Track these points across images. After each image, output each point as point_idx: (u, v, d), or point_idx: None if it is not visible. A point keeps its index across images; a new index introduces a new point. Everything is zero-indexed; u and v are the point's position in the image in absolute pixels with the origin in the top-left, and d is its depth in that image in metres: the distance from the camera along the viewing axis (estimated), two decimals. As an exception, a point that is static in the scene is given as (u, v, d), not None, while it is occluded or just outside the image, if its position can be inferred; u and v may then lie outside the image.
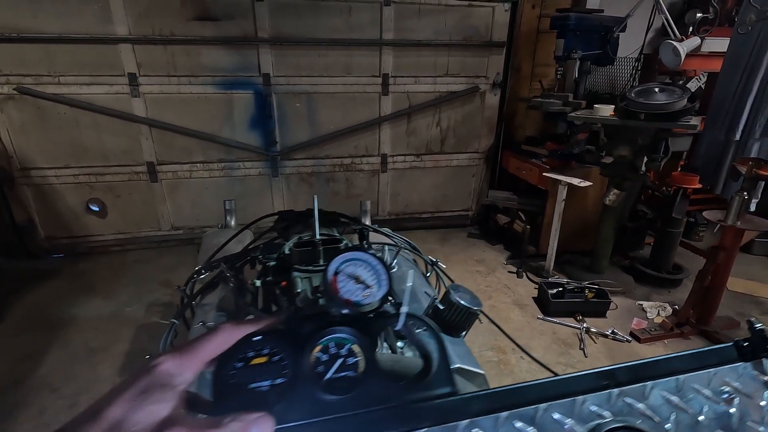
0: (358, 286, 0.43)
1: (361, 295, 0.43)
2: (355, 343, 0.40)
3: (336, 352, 0.40)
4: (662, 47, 2.72)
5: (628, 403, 0.40)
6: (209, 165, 3.49)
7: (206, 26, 3.10)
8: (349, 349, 0.40)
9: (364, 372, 0.39)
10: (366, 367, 0.40)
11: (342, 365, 0.39)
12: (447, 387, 0.39)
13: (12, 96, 2.99)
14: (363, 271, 0.43)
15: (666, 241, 3.18)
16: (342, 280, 0.43)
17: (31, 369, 2.27)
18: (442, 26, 3.46)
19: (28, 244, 3.39)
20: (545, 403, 0.39)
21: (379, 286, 0.43)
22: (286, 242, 0.97)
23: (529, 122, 3.96)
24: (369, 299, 0.43)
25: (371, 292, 0.43)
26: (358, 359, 0.40)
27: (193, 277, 1.15)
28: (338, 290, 0.42)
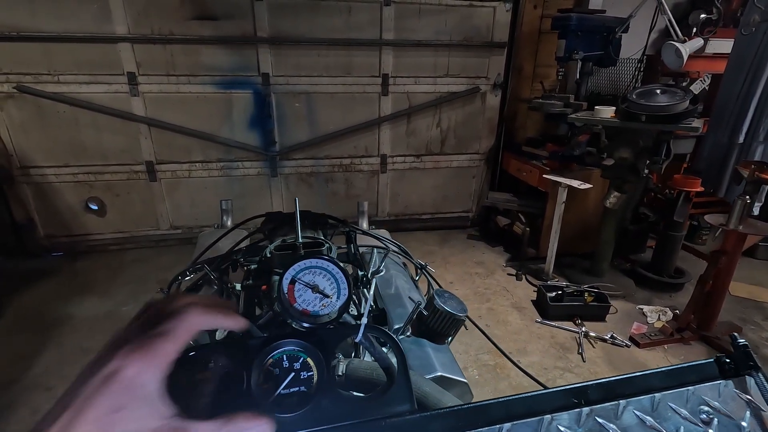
0: (316, 296, 0.41)
1: (319, 306, 0.41)
2: (309, 357, 0.39)
3: (288, 366, 0.38)
4: (664, 48, 2.68)
5: (599, 423, 0.38)
6: (208, 164, 3.48)
7: (205, 26, 3.10)
8: (302, 362, 0.38)
9: (318, 387, 0.37)
10: (320, 382, 0.37)
11: (294, 380, 0.37)
12: (406, 404, 0.37)
13: (12, 95, 2.99)
14: (322, 280, 0.41)
15: (667, 245, 3.14)
16: (299, 289, 0.41)
17: (25, 369, 2.27)
18: (443, 26, 3.44)
19: (28, 242, 3.40)
20: (510, 423, 0.36)
21: (338, 295, 0.41)
22: (270, 245, 0.95)
23: (530, 123, 3.93)
24: (326, 309, 0.41)
25: (329, 302, 0.41)
26: (312, 374, 0.38)
27: (177, 278, 1.13)
28: (294, 300, 0.40)
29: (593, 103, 2.96)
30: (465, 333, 1.03)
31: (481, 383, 2.25)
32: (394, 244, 1.30)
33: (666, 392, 0.40)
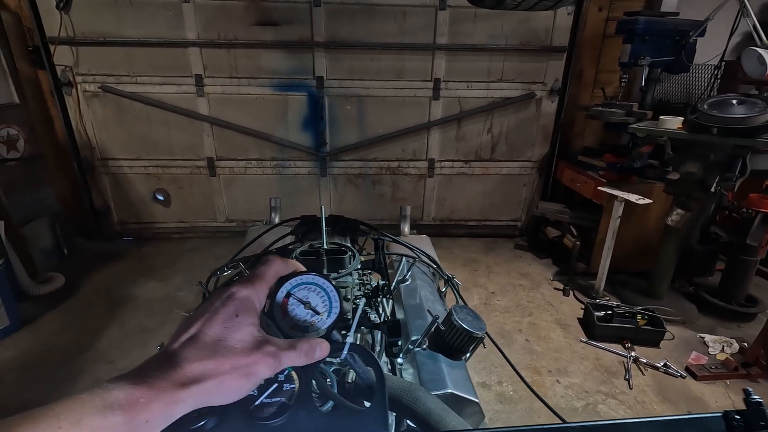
0: (308, 312, 0.43)
1: (309, 321, 0.43)
2: (293, 370, 0.41)
3: (273, 377, 0.40)
4: (745, 54, 2.44)
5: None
6: (263, 162, 3.66)
7: (266, 31, 3.26)
8: (287, 374, 0.41)
9: (298, 400, 0.39)
10: (300, 395, 0.40)
11: (276, 390, 0.40)
12: (379, 427, 0.38)
13: (97, 94, 3.33)
14: (315, 297, 0.43)
15: (739, 270, 2.86)
16: (292, 303, 0.43)
17: (92, 342, 2.52)
18: (499, 30, 3.36)
19: (104, 227, 3.77)
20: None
21: (328, 314, 0.43)
22: (299, 248, 1.00)
23: (588, 132, 3.74)
24: (315, 326, 0.43)
25: (320, 319, 0.43)
26: (293, 386, 0.40)
27: (215, 273, 1.21)
28: (287, 313, 0.43)
29: (661, 112, 2.76)
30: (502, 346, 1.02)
31: (516, 400, 2.18)
32: (425, 254, 1.30)
33: (658, 444, 0.38)
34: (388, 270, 1.10)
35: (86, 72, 3.27)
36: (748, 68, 2.46)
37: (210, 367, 0.35)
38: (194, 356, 0.36)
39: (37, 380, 2.22)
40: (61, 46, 3.15)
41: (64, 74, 3.25)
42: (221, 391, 0.35)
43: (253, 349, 0.37)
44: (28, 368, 2.31)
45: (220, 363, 0.36)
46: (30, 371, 2.28)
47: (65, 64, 3.22)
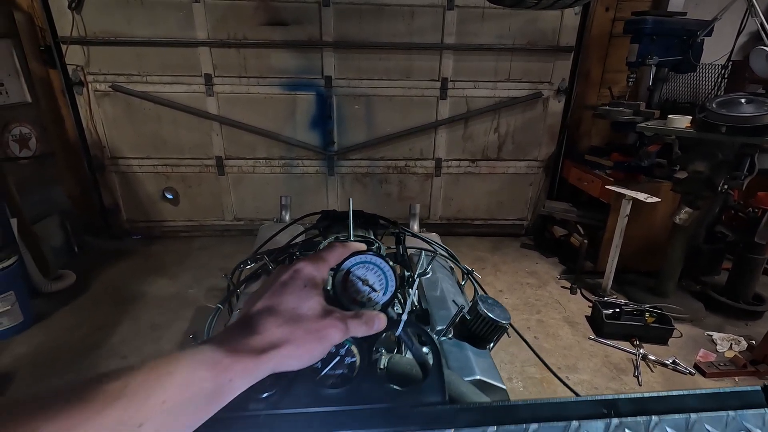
0: (366, 288, 0.45)
1: (366, 298, 0.45)
2: (354, 344, 0.43)
3: (335, 351, 0.42)
4: (753, 54, 2.46)
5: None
6: (271, 161, 3.68)
7: (276, 31, 3.28)
8: (347, 349, 0.43)
9: (359, 372, 0.42)
10: (361, 367, 0.42)
11: (338, 363, 0.42)
12: (438, 396, 0.40)
13: (108, 93, 3.36)
14: (372, 275, 0.45)
15: (746, 268, 2.87)
16: (352, 280, 0.45)
17: (105, 337, 2.55)
18: (506, 30, 3.38)
19: (113, 225, 3.79)
20: (536, 424, 0.38)
21: (384, 291, 0.45)
22: (324, 241, 1.02)
23: (595, 131, 3.75)
24: (373, 302, 0.45)
25: (376, 295, 0.45)
26: (354, 359, 0.42)
27: (239, 266, 1.23)
28: (347, 289, 0.45)
29: (668, 111, 2.77)
30: (512, 343, 1.04)
31: (525, 396, 2.20)
32: (443, 248, 1.32)
33: (703, 413, 0.40)
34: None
35: (97, 71, 3.30)
36: (757, 67, 2.47)
37: (286, 332, 0.38)
38: (271, 323, 0.39)
39: (51, 376, 2.25)
40: (72, 46, 3.18)
41: (76, 74, 3.28)
42: (297, 355, 0.38)
43: (323, 316, 0.40)
44: (41, 364, 2.33)
45: (295, 329, 0.39)
46: (43, 367, 2.31)
47: (76, 64, 3.25)
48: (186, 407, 0.33)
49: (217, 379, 0.34)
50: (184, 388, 0.33)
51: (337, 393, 0.40)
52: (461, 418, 0.38)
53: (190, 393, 0.33)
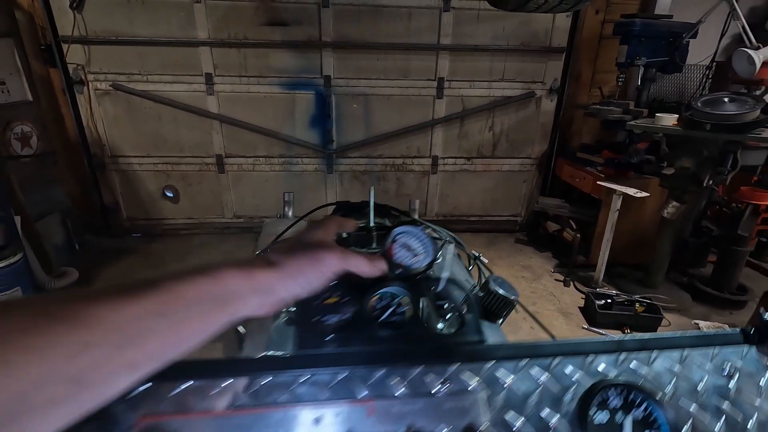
0: (409, 254, 0.53)
1: (411, 261, 0.53)
2: (405, 297, 0.51)
3: (389, 302, 0.50)
4: (736, 55, 2.58)
5: (633, 368, 0.47)
6: (270, 159, 3.74)
7: (276, 31, 3.34)
8: (399, 301, 0.51)
9: (410, 320, 0.49)
10: (412, 315, 0.50)
11: (393, 312, 0.50)
12: (477, 336, 0.48)
13: (108, 92, 3.39)
14: (414, 242, 0.53)
15: (731, 260, 3.01)
16: (397, 247, 0.53)
17: (112, 331, 2.58)
18: (501, 31, 3.49)
19: (113, 223, 3.82)
20: (560, 357, 0.47)
21: (425, 255, 0.53)
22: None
23: (585, 130, 3.87)
24: (417, 264, 0.53)
25: (419, 259, 0.53)
26: (405, 309, 0.50)
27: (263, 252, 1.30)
28: (393, 255, 0.53)
29: (655, 111, 2.90)
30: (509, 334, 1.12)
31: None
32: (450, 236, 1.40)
33: (694, 349, 0.48)
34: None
35: (98, 70, 3.33)
36: (739, 68, 2.60)
37: (289, 255, 0.46)
38: (279, 252, 0.47)
39: (61, 369, 2.28)
40: (73, 45, 3.20)
41: (76, 72, 3.30)
42: (301, 276, 0.45)
43: (324, 247, 0.48)
44: (50, 358, 2.36)
45: (296, 254, 0.46)
46: (53, 360, 2.34)
47: (77, 63, 3.28)
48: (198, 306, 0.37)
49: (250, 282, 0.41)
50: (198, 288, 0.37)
51: (392, 335, 0.48)
52: (499, 352, 0.46)
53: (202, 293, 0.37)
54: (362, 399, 0.42)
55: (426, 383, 0.44)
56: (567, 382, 0.46)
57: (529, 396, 0.45)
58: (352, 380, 0.44)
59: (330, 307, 0.48)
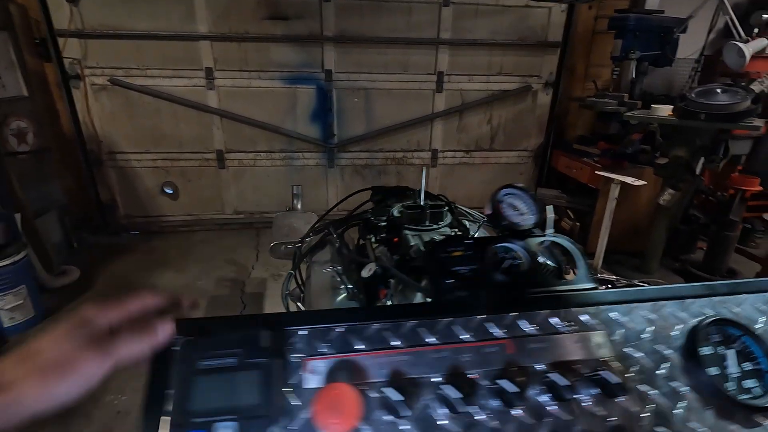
0: (515, 212, 0.57)
1: (518, 219, 0.57)
2: (519, 250, 0.55)
3: (505, 255, 0.55)
4: (726, 48, 2.71)
5: (726, 307, 0.53)
6: (271, 154, 3.74)
7: (277, 25, 3.34)
8: (514, 255, 0.55)
9: (526, 270, 0.54)
10: (527, 267, 0.54)
11: (510, 265, 0.54)
12: (590, 283, 0.53)
13: (105, 87, 3.33)
14: (519, 202, 0.58)
15: (721, 244, 3.15)
16: (504, 207, 0.58)
17: (122, 328, 2.55)
18: (499, 26, 3.56)
19: (110, 221, 3.75)
20: (663, 301, 0.52)
21: (530, 213, 0.58)
22: (391, 209, 1.14)
23: (580, 122, 3.99)
24: (525, 221, 0.57)
25: (525, 217, 0.57)
26: (520, 261, 0.54)
27: (304, 238, 1.33)
28: (502, 213, 0.57)
29: (646, 102, 3.01)
30: None
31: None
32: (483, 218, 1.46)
33: (776, 293, 0.54)
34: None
35: (95, 65, 3.27)
36: (729, 60, 2.73)
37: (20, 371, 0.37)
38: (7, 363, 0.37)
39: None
40: (69, 39, 3.14)
41: (72, 67, 3.23)
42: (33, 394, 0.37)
43: (74, 350, 0.38)
44: (61, 355, 2.32)
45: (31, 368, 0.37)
46: (64, 358, 2.31)
47: (74, 57, 3.21)
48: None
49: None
50: None
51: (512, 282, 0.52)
52: (611, 297, 0.51)
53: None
54: (500, 339, 0.47)
55: (552, 324, 0.49)
56: (672, 320, 0.51)
57: (641, 333, 0.50)
58: (488, 323, 0.48)
59: (458, 258, 0.51)
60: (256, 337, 0.41)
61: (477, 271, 0.50)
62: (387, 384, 0.41)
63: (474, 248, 0.53)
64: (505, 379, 0.43)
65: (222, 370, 0.39)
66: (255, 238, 3.83)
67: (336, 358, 0.42)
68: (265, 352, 0.40)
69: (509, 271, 0.53)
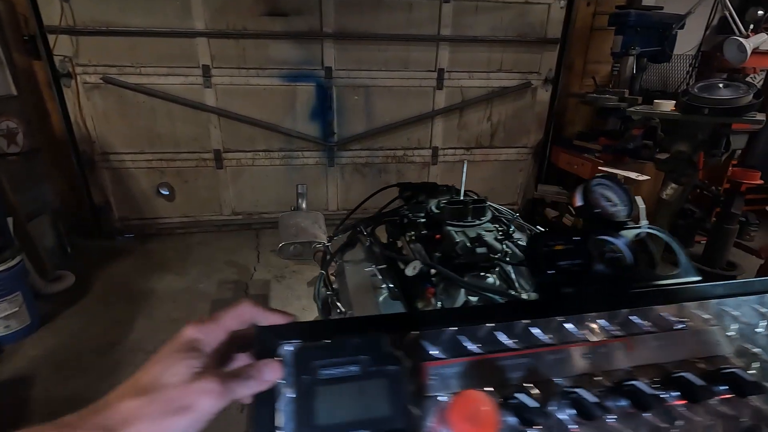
0: (608, 203, 0.55)
1: (612, 210, 0.55)
2: (619, 244, 0.52)
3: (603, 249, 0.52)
4: (727, 43, 2.74)
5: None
6: (270, 153, 3.67)
7: (275, 21, 3.28)
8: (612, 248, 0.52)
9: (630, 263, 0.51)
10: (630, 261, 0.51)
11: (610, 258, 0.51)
12: (695, 275, 0.51)
13: (98, 85, 3.22)
14: (611, 192, 0.55)
15: (721, 238, 3.20)
16: (597, 198, 0.55)
17: (122, 334, 2.48)
18: (499, 23, 3.55)
19: (103, 224, 3.64)
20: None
21: (623, 204, 0.55)
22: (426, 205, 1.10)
23: (578, 118, 4.01)
24: (620, 213, 0.55)
25: (618, 209, 0.55)
26: (620, 254, 0.52)
27: (332, 237, 1.29)
28: (597, 204, 0.55)
29: (643, 99, 3.04)
30: None
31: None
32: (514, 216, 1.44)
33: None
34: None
35: (87, 63, 3.16)
36: (730, 55, 2.77)
37: (139, 406, 0.34)
38: (125, 397, 0.35)
39: (76, 374, 2.17)
40: (61, 36, 3.02)
41: (63, 65, 3.12)
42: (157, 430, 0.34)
43: (190, 382, 0.36)
44: (62, 364, 2.24)
45: (150, 402, 0.34)
46: (65, 366, 2.22)
47: (65, 55, 3.10)
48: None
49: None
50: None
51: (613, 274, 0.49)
52: (719, 291, 0.49)
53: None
54: (619, 337, 0.44)
55: (666, 320, 0.46)
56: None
57: (755, 327, 0.48)
58: (600, 320, 0.45)
59: (560, 252, 0.49)
60: (376, 341, 0.37)
61: (583, 266, 0.47)
62: (518, 389, 0.38)
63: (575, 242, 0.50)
64: (634, 380, 0.40)
65: (346, 379, 0.35)
66: (254, 239, 3.75)
67: (461, 362, 0.39)
68: (389, 358, 0.36)
69: (613, 264, 0.50)
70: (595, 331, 0.44)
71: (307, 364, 0.36)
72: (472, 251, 0.92)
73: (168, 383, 0.36)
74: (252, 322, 0.43)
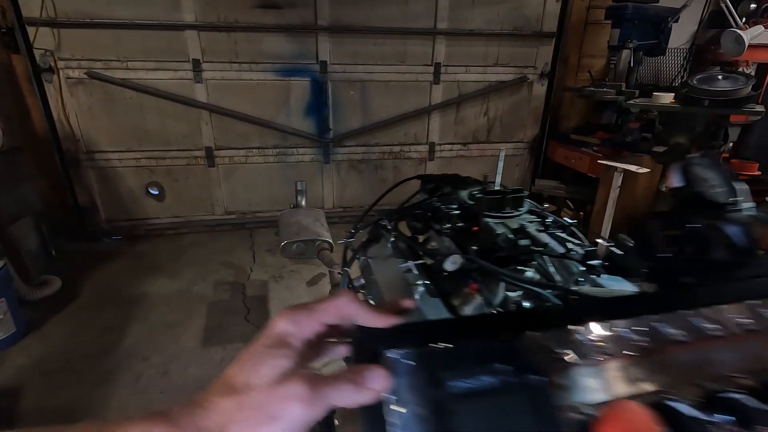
0: (707, 185, 0.50)
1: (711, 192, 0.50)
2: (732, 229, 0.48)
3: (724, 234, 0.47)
4: (724, 36, 2.75)
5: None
6: (264, 150, 3.57)
7: (269, 14, 3.18)
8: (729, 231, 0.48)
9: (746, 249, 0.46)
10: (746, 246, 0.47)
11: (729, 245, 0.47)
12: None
13: (82, 80, 3.08)
14: (710, 174, 0.50)
15: (717, 229, 3.23)
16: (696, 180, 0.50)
17: (117, 339, 2.36)
18: (495, 16, 3.52)
19: (89, 226, 3.48)
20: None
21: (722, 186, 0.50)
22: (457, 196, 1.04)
23: (574, 112, 4.01)
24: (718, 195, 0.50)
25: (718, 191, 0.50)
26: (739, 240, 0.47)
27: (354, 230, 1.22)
28: (698, 186, 0.50)
29: (641, 92, 3.04)
30: None
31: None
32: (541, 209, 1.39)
33: None
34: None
35: (70, 57, 3.01)
36: (727, 48, 2.78)
37: (233, 408, 0.32)
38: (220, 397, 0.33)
39: (68, 383, 2.05)
40: (41, 28, 2.87)
41: (44, 59, 2.96)
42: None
43: (275, 385, 0.33)
44: (52, 372, 2.12)
45: (242, 404, 0.32)
46: (55, 375, 2.10)
47: (46, 48, 2.94)
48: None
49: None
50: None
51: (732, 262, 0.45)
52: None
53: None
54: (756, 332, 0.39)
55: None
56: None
57: None
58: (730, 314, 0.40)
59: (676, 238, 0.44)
60: (511, 347, 0.31)
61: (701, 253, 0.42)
62: (668, 397, 0.32)
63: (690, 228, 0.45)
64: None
65: (485, 393, 0.29)
66: (249, 238, 3.65)
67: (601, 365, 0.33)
68: (532, 367, 0.30)
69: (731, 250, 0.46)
70: (728, 324, 0.38)
71: (432, 375, 0.30)
72: (514, 243, 0.87)
73: (255, 385, 0.33)
74: (351, 319, 0.38)
